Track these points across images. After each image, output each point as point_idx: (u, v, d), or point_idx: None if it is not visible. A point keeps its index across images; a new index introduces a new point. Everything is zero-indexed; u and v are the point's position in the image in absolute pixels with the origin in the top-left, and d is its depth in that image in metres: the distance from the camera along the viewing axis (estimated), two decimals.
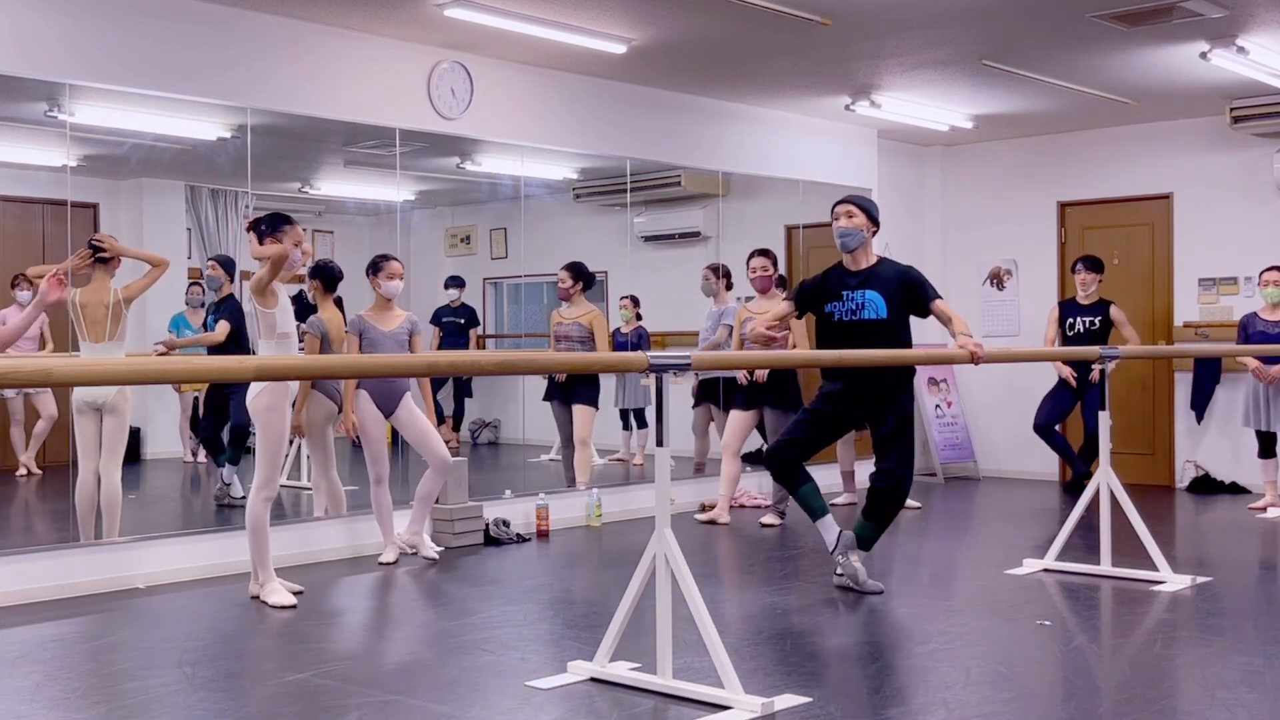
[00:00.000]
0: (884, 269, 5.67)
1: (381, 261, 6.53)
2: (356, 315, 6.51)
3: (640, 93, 8.42)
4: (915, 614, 5.31)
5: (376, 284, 6.51)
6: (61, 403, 7.94)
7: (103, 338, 6.06)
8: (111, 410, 6.10)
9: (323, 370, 4.53)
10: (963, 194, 10.86)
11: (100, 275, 6.16)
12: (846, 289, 5.65)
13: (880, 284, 5.61)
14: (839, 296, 5.66)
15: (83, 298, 6.09)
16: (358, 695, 4.22)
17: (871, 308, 5.58)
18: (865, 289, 5.61)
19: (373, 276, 6.53)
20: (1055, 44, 7.32)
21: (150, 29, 6.16)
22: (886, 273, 5.65)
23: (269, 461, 5.50)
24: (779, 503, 7.90)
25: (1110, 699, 4.07)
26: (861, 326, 5.59)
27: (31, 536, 6.90)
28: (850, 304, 5.63)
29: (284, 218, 5.66)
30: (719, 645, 3.98)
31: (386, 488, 6.59)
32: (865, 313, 5.59)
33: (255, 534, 5.54)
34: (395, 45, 7.12)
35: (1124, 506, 5.89)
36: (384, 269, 6.50)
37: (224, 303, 7.45)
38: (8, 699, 4.14)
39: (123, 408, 6.12)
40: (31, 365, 2.98)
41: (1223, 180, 9.49)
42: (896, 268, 5.70)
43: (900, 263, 5.80)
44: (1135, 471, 9.52)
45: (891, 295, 5.59)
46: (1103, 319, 8.74)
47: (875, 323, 5.57)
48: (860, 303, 5.60)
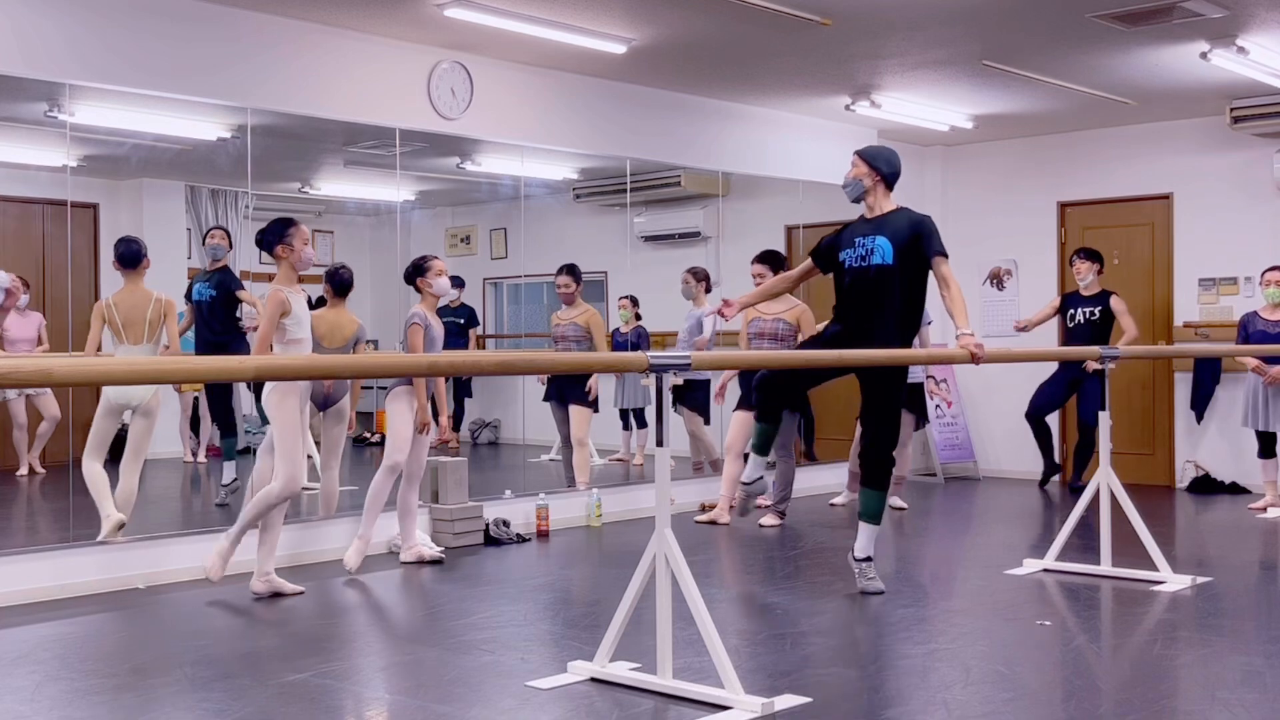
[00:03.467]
0: (897, 216, 5.61)
1: (425, 262, 6.49)
2: (420, 310, 6.44)
3: (640, 93, 8.42)
4: (915, 614, 5.31)
5: (426, 284, 6.45)
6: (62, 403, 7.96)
7: (140, 339, 6.12)
8: (145, 413, 6.15)
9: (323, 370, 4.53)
10: (963, 194, 10.86)
11: (133, 278, 6.18)
12: (860, 235, 5.62)
13: (891, 230, 5.56)
14: (851, 244, 5.64)
15: (118, 299, 6.13)
16: (358, 695, 4.23)
17: (880, 253, 5.52)
18: (876, 235, 5.56)
19: (420, 278, 6.47)
20: (1055, 44, 7.32)
21: (150, 29, 6.16)
22: (899, 220, 5.59)
23: (286, 453, 5.54)
24: (778, 503, 7.90)
25: (1110, 699, 4.07)
26: (869, 272, 5.55)
27: (32, 536, 6.90)
28: (860, 249, 5.58)
29: (287, 221, 5.66)
30: (719, 645, 3.98)
31: (415, 488, 6.61)
32: (874, 258, 5.54)
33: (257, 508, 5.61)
34: (395, 45, 7.12)
35: (1124, 506, 5.89)
36: (430, 268, 6.46)
37: (215, 274, 7.35)
38: (8, 699, 4.14)
39: (154, 411, 6.17)
40: (31, 365, 2.97)
41: (1223, 180, 9.49)
42: (910, 216, 5.63)
43: (916, 212, 5.70)
44: (1135, 471, 9.52)
45: (901, 242, 5.53)
46: (1103, 310, 8.74)
47: (882, 269, 5.52)
48: (870, 248, 5.55)
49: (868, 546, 5.73)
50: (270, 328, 5.51)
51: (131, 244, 6.22)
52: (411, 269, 6.54)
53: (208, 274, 7.34)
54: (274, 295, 5.52)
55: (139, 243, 6.23)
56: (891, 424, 5.68)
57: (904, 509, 8.44)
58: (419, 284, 6.49)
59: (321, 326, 6.67)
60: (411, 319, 6.39)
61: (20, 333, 8.02)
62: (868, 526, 5.72)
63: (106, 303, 6.13)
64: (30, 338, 8.10)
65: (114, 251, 6.22)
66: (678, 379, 4.07)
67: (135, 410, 6.14)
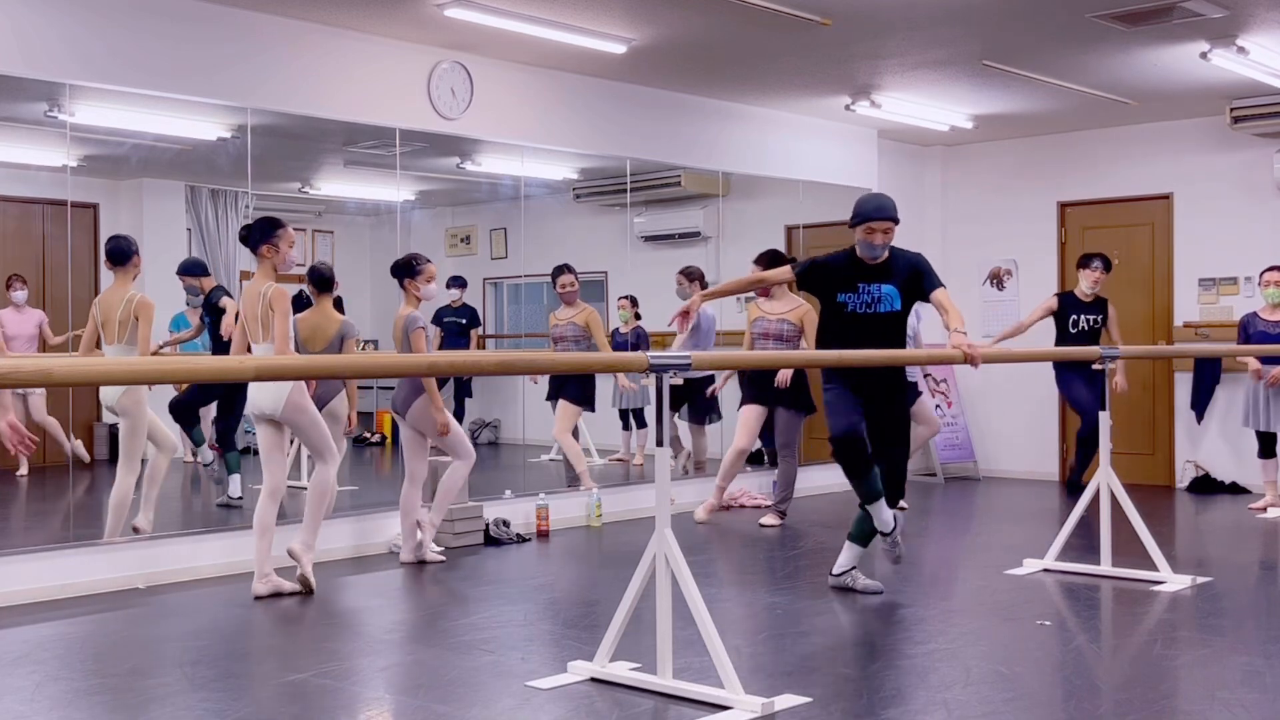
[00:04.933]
0: (898, 260, 5.59)
1: (418, 264, 6.39)
2: (418, 313, 6.38)
3: (640, 93, 8.42)
4: (915, 614, 5.31)
5: (415, 287, 6.37)
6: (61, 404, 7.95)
7: (113, 339, 6.06)
8: (122, 413, 6.11)
9: (323, 370, 4.53)
10: (963, 194, 10.86)
11: (121, 276, 6.13)
12: (863, 280, 5.56)
13: (895, 276, 5.55)
14: (854, 288, 5.57)
15: (103, 298, 6.11)
16: (358, 695, 4.23)
17: (888, 301, 5.52)
18: (882, 283, 5.53)
19: (410, 279, 6.38)
20: (1055, 44, 7.32)
21: (150, 29, 6.16)
22: (900, 264, 5.58)
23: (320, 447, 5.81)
24: (779, 503, 7.90)
25: (1110, 699, 4.07)
26: (877, 320, 5.54)
27: (31, 536, 6.90)
28: (866, 296, 5.55)
29: (274, 222, 5.65)
30: (719, 645, 3.98)
31: (419, 489, 6.61)
32: (882, 306, 5.53)
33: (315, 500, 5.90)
34: (395, 45, 7.12)
35: (1124, 506, 5.89)
36: (423, 272, 6.39)
37: (211, 295, 7.37)
38: (8, 699, 4.14)
39: (132, 410, 6.10)
40: (31, 365, 2.97)
41: (1223, 180, 9.49)
42: (907, 257, 5.62)
43: (908, 250, 5.69)
44: (1135, 471, 9.52)
45: (905, 286, 5.55)
46: (1103, 316, 8.69)
47: (889, 316, 5.53)
48: (877, 296, 5.53)
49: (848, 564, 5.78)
50: (288, 323, 5.50)
51: (122, 242, 6.16)
52: (403, 267, 6.41)
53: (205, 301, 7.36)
54: (280, 290, 5.50)
55: (129, 241, 6.19)
56: (905, 443, 5.69)
57: (904, 509, 8.44)
58: (407, 284, 6.38)
59: (304, 330, 6.60)
60: (415, 323, 6.32)
61: (17, 329, 8.02)
62: (853, 548, 5.77)
63: (95, 301, 6.09)
64: (28, 335, 8.09)
65: (104, 249, 6.20)
66: (677, 379, 4.07)
67: (114, 410, 6.13)
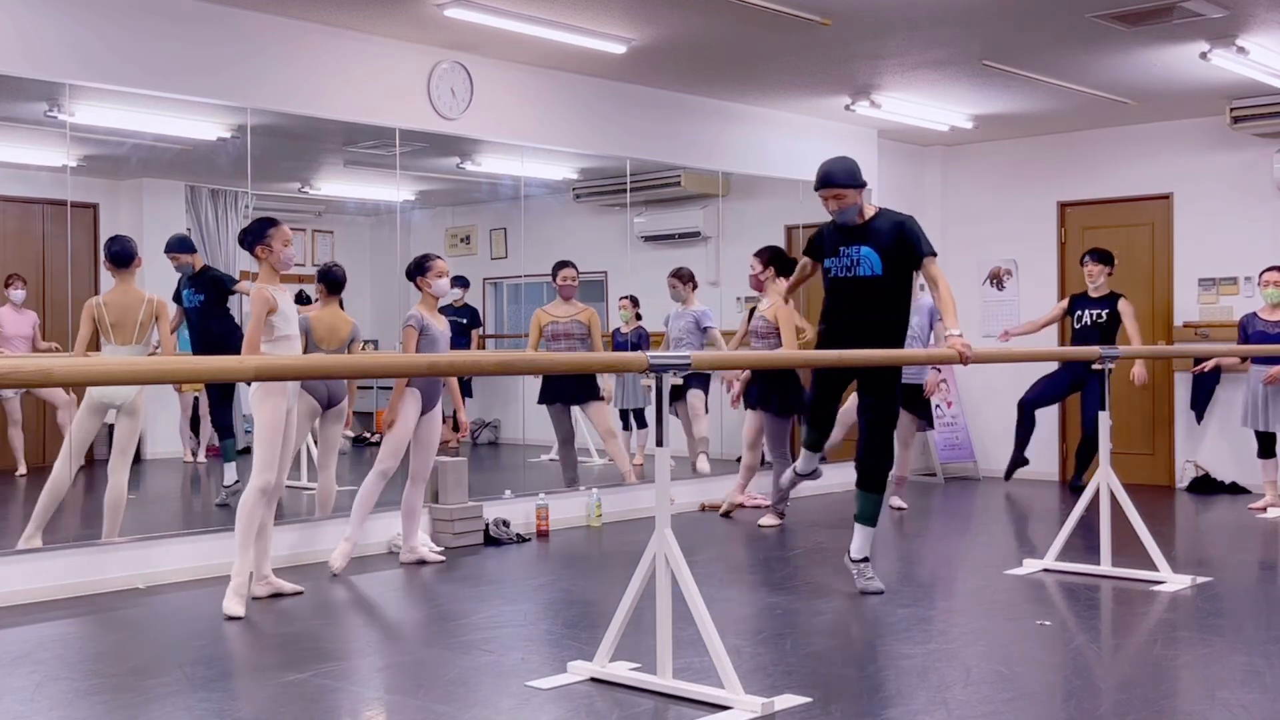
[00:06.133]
0: (880, 222, 5.50)
1: (427, 261, 6.45)
2: (418, 311, 6.40)
3: (640, 93, 8.42)
4: (915, 614, 5.31)
5: (426, 284, 6.42)
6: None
7: (129, 340, 6.03)
8: (130, 412, 6.08)
9: (323, 370, 4.53)
10: (963, 194, 10.86)
11: (125, 278, 6.10)
12: (843, 244, 5.53)
13: (875, 239, 5.47)
14: (835, 252, 5.55)
15: (109, 299, 6.04)
16: (358, 695, 4.23)
17: (866, 264, 5.46)
18: (860, 244, 5.48)
19: (420, 277, 6.44)
20: (1055, 44, 7.32)
21: (150, 28, 6.16)
22: (882, 226, 5.48)
23: (260, 452, 5.47)
24: (778, 503, 7.90)
25: (1110, 699, 4.07)
26: (856, 284, 5.49)
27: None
28: (845, 260, 5.51)
29: (268, 221, 5.63)
30: (719, 645, 3.98)
31: (422, 488, 6.61)
32: (860, 269, 5.47)
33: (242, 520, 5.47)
34: (395, 45, 7.12)
35: (1124, 506, 5.89)
36: (431, 268, 6.43)
37: (200, 275, 7.30)
38: (8, 699, 4.14)
39: (140, 410, 6.11)
40: (31, 365, 2.97)
41: (1223, 180, 9.49)
42: (893, 219, 5.51)
43: (898, 213, 5.59)
44: (1135, 471, 9.52)
45: (887, 250, 5.45)
46: (1110, 312, 8.64)
47: (870, 280, 5.47)
48: (855, 259, 5.48)
49: (864, 548, 5.73)
50: (258, 327, 5.45)
51: (124, 243, 6.12)
52: (413, 266, 6.50)
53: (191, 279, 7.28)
54: (259, 293, 5.43)
55: (131, 242, 6.17)
56: (888, 426, 5.68)
57: (904, 509, 8.44)
58: (419, 283, 6.47)
59: (320, 329, 6.66)
60: (407, 320, 6.37)
61: (15, 329, 8.01)
62: (864, 529, 5.72)
63: (96, 302, 6.01)
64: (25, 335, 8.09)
65: (105, 251, 6.16)
66: (677, 379, 4.07)
67: (120, 410, 6.10)
